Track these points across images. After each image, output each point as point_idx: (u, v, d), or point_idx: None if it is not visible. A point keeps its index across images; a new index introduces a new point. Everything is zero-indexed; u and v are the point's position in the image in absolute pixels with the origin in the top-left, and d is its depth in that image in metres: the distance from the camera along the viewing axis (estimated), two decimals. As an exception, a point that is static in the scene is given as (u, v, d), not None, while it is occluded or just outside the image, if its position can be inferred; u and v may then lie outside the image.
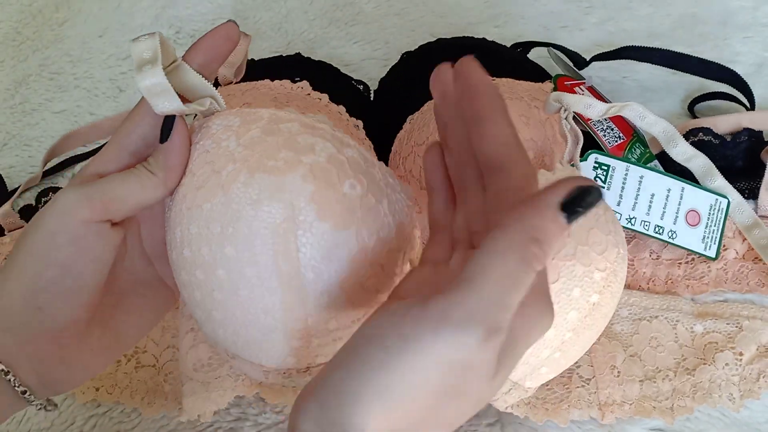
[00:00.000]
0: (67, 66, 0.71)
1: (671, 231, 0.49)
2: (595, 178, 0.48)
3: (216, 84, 0.57)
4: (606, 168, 0.48)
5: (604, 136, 0.51)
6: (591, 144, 0.51)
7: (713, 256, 0.50)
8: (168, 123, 0.32)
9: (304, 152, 0.32)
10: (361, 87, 0.58)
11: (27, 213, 0.56)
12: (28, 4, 0.76)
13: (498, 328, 0.25)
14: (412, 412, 0.26)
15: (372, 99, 0.58)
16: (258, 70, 0.56)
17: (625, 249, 0.39)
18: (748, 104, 0.58)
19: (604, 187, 0.48)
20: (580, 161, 0.48)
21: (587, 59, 0.59)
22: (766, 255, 0.50)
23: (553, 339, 0.37)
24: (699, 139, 0.54)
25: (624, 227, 0.49)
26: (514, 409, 0.43)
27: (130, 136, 0.33)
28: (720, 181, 0.51)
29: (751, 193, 0.53)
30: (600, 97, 0.55)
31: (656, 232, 0.49)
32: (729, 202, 0.51)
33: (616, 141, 0.51)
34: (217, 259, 0.31)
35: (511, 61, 0.56)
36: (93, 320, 0.34)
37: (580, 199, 0.26)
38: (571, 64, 0.60)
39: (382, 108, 0.56)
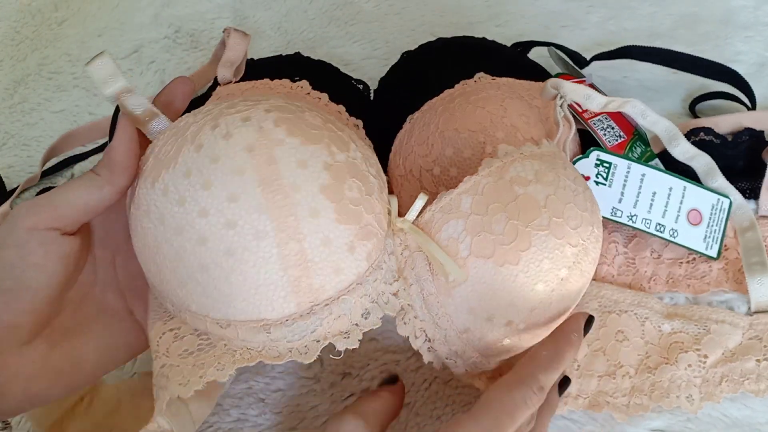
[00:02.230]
0: (66, 65, 0.71)
1: (672, 229, 0.49)
2: (596, 175, 0.48)
3: (215, 84, 0.57)
4: (608, 165, 0.48)
5: (605, 134, 0.51)
6: (591, 143, 0.51)
7: (714, 255, 0.50)
8: (113, 122, 0.35)
9: (260, 101, 0.35)
10: (361, 86, 0.58)
11: (25, 213, 0.56)
12: (27, 4, 0.76)
13: None
14: None
15: (372, 99, 0.57)
16: (257, 69, 0.55)
17: (601, 230, 0.39)
18: (749, 104, 0.58)
19: (605, 185, 0.48)
20: (582, 158, 0.48)
21: (588, 58, 0.59)
22: (749, 256, 0.50)
23: (519, 311, 0.37)
24: (700, 138, 0.53)
25: (624, 224, 0.48)
26: (475, 382, 0.42)
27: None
28: (721, 181, 0.51)
29: (752, 193, 0.53)
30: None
31: (657, 230, 0.49)
32: (731, 202, 0.50)
33: (617, 140, 0.51)
34: (201, 202, 0.32)
35: (511, 60, 0.56)
36: (40, 334, 0.34)
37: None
38: (571, 62, 0.60)
39: (382, 108, 0.55)
